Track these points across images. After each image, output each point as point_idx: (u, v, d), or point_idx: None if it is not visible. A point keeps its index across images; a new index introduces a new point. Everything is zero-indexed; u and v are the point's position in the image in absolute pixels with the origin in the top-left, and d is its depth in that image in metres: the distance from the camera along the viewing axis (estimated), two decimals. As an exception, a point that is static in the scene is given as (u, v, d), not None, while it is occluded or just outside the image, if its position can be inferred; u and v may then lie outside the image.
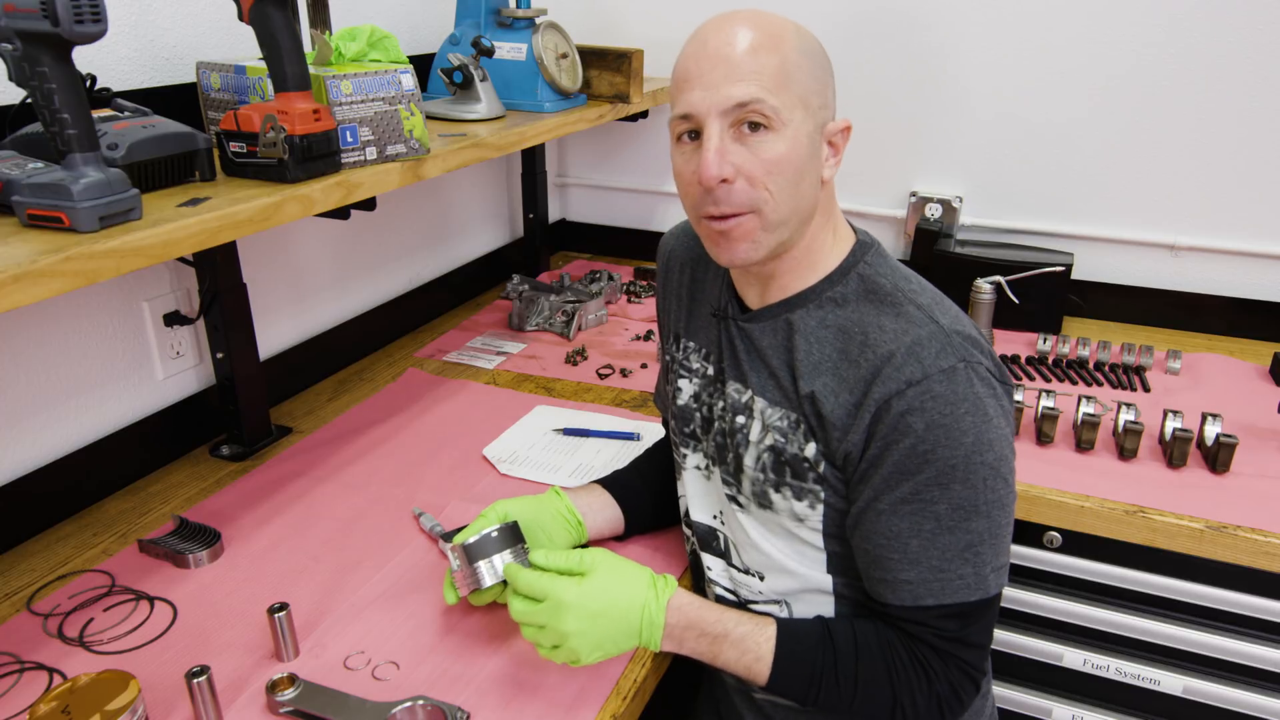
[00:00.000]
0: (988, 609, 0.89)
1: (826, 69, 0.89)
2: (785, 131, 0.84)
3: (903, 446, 0.83)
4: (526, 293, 1.93)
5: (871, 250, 0.94)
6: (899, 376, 0.83)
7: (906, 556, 0.86)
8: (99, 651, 1.00)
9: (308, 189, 1.07)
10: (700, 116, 0.85)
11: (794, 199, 0.86)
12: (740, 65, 0.83)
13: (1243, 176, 1.73)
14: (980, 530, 0.85)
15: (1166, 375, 1.63)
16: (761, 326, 0.95)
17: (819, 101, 0.87)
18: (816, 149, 0.88)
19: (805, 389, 0.90)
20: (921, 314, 0.87)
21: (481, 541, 0.97)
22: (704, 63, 0.85)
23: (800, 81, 0.85)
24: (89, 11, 0.81)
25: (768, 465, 0.94)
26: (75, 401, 1.27)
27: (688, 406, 1.06)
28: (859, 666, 0.90)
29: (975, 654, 0.90)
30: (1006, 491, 0.86)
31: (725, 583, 1.04)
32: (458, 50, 1.62)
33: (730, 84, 0.83)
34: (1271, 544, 1.18)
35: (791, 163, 0.85)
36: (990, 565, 0.87)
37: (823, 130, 0.88)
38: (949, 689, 0.89)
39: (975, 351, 0.85)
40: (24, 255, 0.80)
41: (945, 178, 1.94)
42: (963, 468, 0.83)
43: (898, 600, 0.88)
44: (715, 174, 0.84)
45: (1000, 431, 0.85)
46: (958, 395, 0.82)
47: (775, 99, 0.83)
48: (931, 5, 1.83)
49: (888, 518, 0.86)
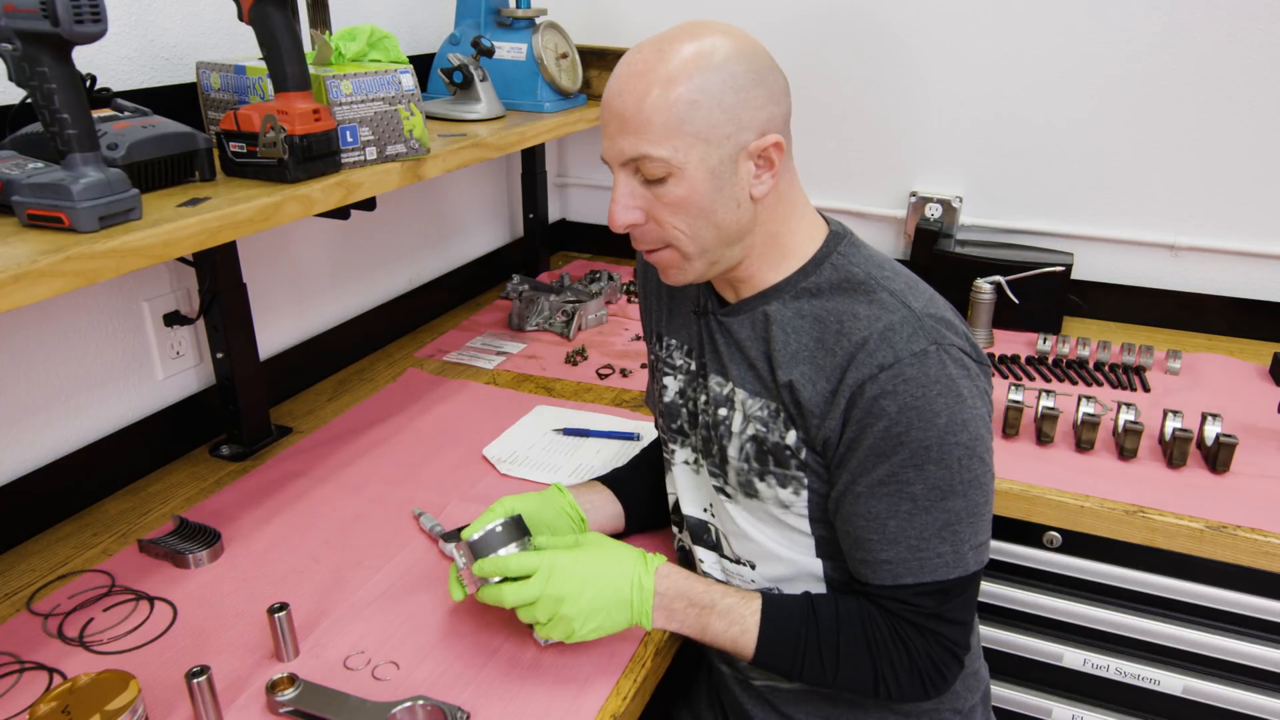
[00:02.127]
0: (967, 586, 0.91)
1: (744, 87, 0.85)
2: (683, 174, 0.86)
3: (877, 429, 0.85)
4: (526, 293, 1.93)
5: (845, 240, 0.95)
6: (871, 361, 0.85)
7: (885, 537, 0.88)
8: (99, 651, 1.00)
9: (308, 189, 1.07)
10: (609, 163, 0.90)
11: (709, 229, 0.89)
12: (628, 120, 0.85)
13: (1243, 176, 1.73)
14: (957, 509, 0.87)
15: (1166, 375, 1.63)
16: (739, 320, 0.97)
17: (728, 130, 0.85)
18: (730, 175, 0.87)
19: (783, 378, 0.91)
20: (894, 299, 0.88)
21: (486, 538, 0.97)
22: (605, 112, 0.89)
23: (697, 119, 0.84)
24: (89, 11, 0.81)
25: (751, 455, 0.96)
26: (75, 401, 1.27)
27: (673, 402, 1.07)
28: (840, 639, 0.92)
29: (956, 630, 0.92)
30: (983, 470, 0.88)
31: (718, 574, 1.06)
32: (458, 50, 1.62)
33: (622, 137, 0.86)
34: (1271, 544, 1.18)
35: (694, 202, 0.87)
36: (969, 543, 0.88)
37: (743, 152, 0.87)
38: (930, 664, 0.91)
39: (948, 333, 0.87)
40: (24, 255, 0.80)
41: (945, 178, 1.94)
42: (937, 448, 0.85)
43: (878, 580, 0.90)
44: (620, 222, 0.90)
45: (975, 412, 0.86)
46: (929, 378, 0.84)
47: (662, 149, 0.84)
48: (932, 5, 1.83)
49: (866, 500, 0.88)
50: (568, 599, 0.91)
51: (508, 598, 0.93)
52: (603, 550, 0.97)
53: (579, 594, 0.92)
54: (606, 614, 0.93)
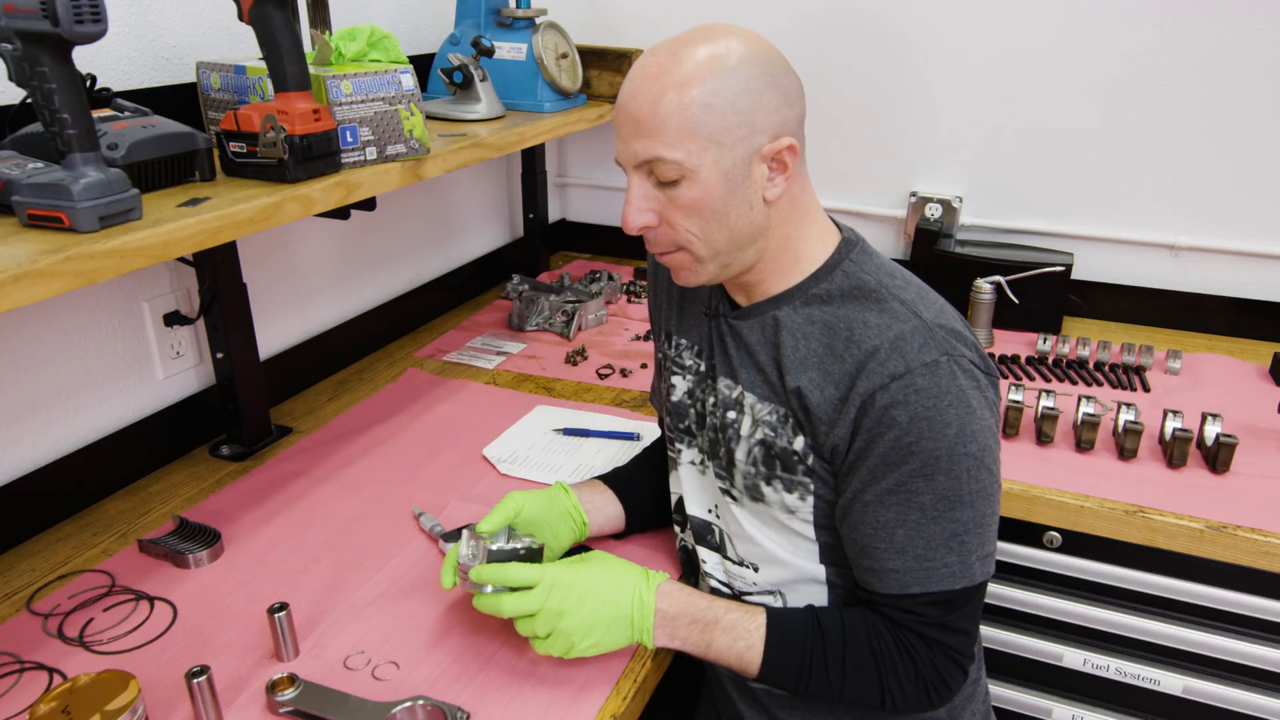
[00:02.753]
0: (973, 596, 0.91)
1: (758, 90, 0.86)
2: (697, 176, 0.86)
3: (888, 439, 0.85)
4: (526, 293, 1.93)
5: (856, 248, 0.95)
6: (883, 371, 0.85)
7: (893, 546, 0.88)
8: (99, 651, 1.00)
9: (308, 189, 1.07)
10: (623, 166, 0.90)
11: (722, 231, 0.89)
12: (643, 122, 0.85)
13: (1243, 176, 1.73)
14: (965, 520, 0.87)
15: (1166, 375, 1.63)
16: (750, 324, 0.97)
17: (742, 132, 0.85)
18: (743, 178, 0.87)
19: (792, 384, 0.91)
20: (905, 309, 0.88)
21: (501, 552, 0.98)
22: (620, 115, 0.88)
23: (711, 122, 0.84)
24: (89, 11, 0.81)
25: (758, 459, 0.96)
26: (75, 401, 1.27)
27: (682, 402, 1.07)
28: (846, 652, 0.92)
29: (961, 640, 0.91)
30: (991, 481, 0.88)
31: (720, 575, 1.06)
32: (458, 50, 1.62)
33: (636, 140, 0.86)
34: (1271, 544, 1.18)
35: (707, 204, 0.87)
36: (975, 554, 0.88)
37: (756, 155, 0.87)
38: (935, 674, 0.91)
39: (959, 345, 0.87)
40: (24, 255, 0.80)
41: (945, 178, 1.94)
42: (946, 459, 0.84)
43: (884, 588, 0.90)
44: (633, 225, 0.90)
45: (984, 423, 0.86)
46: (940, 388, 0.84)
47: (677, 151, 0.84)
48: (933, 5, 1.83)
49: (874, 508, 0.88)
50: (568, 614, 0.91)
51: (506, 607, 0.93)
52: (604, 566, 0.96)
53: (579, 609, 0.92)
54: (606, 630, 0.93)
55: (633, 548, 1.19)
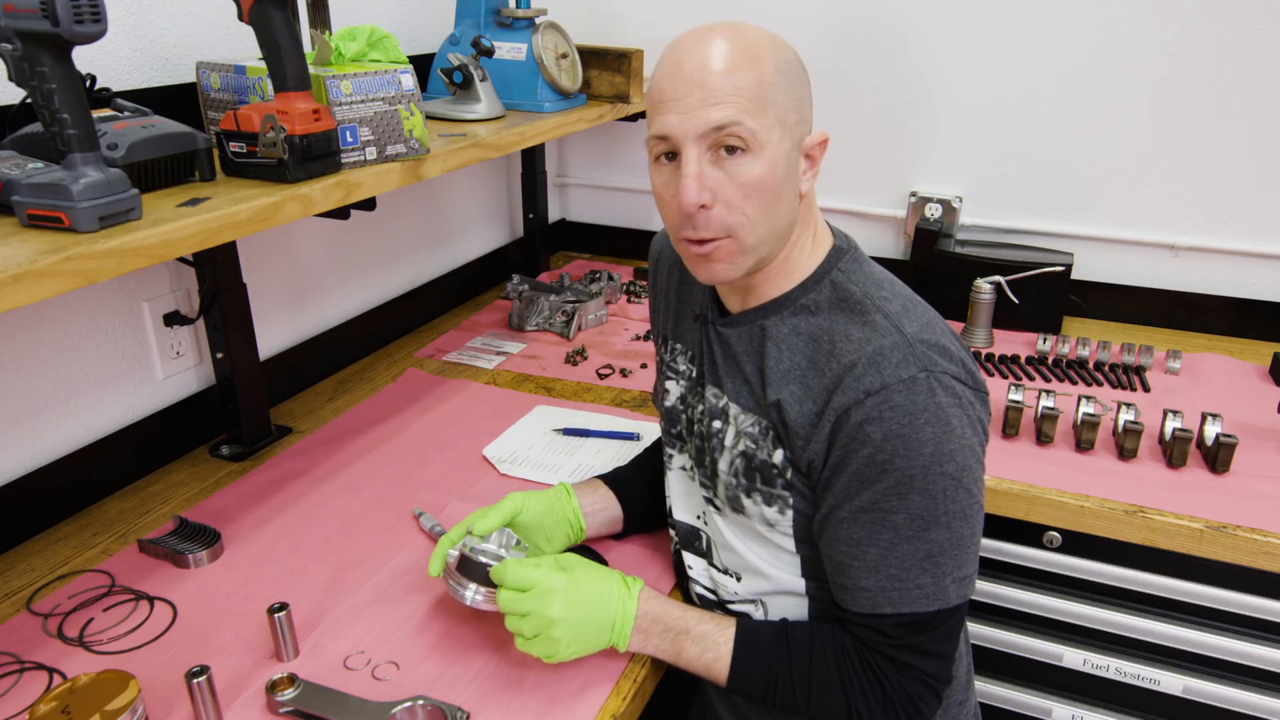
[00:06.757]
0: (948, 619, 0.88)
1: (803, 82, 0.87)
2: (763, 153, 0.83)
3: (861, 456, 0.83)
4: (526, 293, 1.93)
5: (847, 256, 0.93)
6: (858, 386, 0.83)
7: (865, 564, 0.86)
8: (99, 651, 1.00)
9: (308, 189, 1.07)
10: (677, 140, 0.84)
11: (771, 219, 0.86)
12: (717, 88, 0.82)
13: (1243, 176, 1.73)
14: (940, 541, 0.85)
15: (1166, 375, 1.63)
16: (738, 332, 0.95)
17: (796, 118, 0.86)
18: (794, 166, 0.87)
19: (772, 396, 0.90)
20: (888, 323, 0.86)
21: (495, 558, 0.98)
22: (680, 85, 0.83)
23: (777, 101, 0.83)
24: (89, 11, 0.81)
25: (740, 470, 0.95)
26: (75, 401, 1.27)
27: (675, 408, 1.07)
28: (812, 671, 0.90)
29: (934, 663, 0.89)
30: (969, 502, 0.85)
31: (706, 582, 1.05)
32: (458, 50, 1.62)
33: (707, 108, 0.82)
34: (1271, 544, 1.18)
35: (769, 185, 0.84)
36: (951, 576, 0.86)
37: (800, 146, 0.87)
38: (904, 697, 0.89)
39: (940, 360, 0.84)
40: (24, 255, 0.80)
41: (945, 178, 1.94)
42: (921, 478, 0.82)
43: (856, 607, 0.89)
44: (694, 200, 0.83)
45: (964, 441, 0.84)
46: (917, 405, 0.82)
47: (753, 121, 0.82)
48: (933, 6, 1.83)
49: (848, 526, 0.87)
50: (559, 623, 0.91)
51: (504, 599, 0.93)
52: (591, 573, 0.96)
53: (569, 618, 0.92)
54: (591, 638, 0.94)
55: (630, 549, 1.19)
